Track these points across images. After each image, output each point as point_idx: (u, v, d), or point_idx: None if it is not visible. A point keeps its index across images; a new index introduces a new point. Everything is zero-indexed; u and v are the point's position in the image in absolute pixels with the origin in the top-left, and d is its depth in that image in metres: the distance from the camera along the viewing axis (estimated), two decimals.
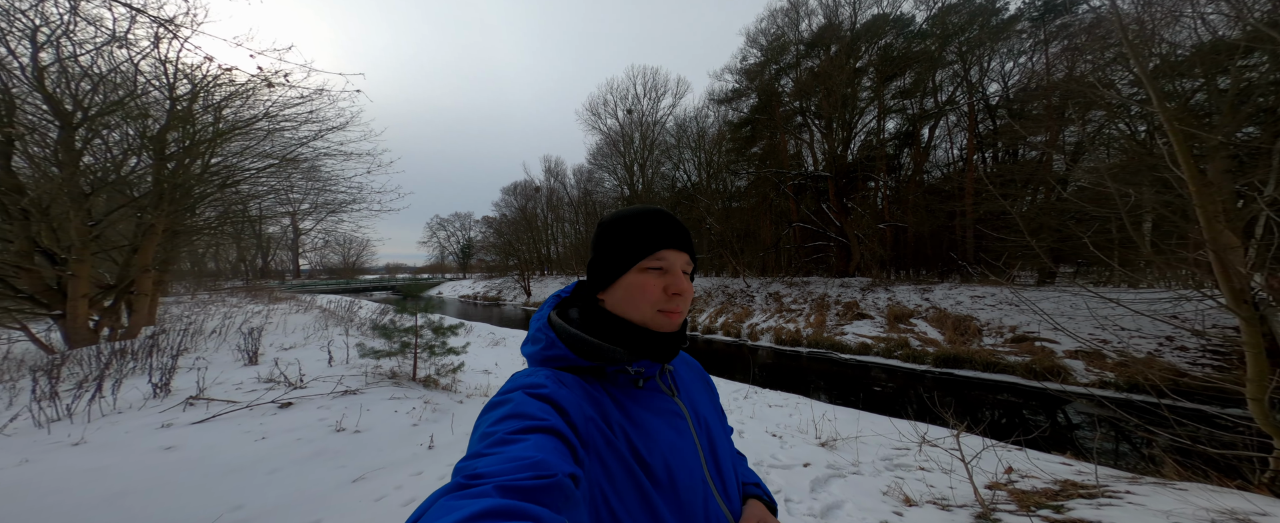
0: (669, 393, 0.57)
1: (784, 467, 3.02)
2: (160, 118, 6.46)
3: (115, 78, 5.88)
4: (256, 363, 4.45)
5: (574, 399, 0.46)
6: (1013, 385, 6.86)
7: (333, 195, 10.15)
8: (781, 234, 18.59)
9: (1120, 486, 2.67)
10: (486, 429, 0.40)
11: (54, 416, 2.52)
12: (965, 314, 10.17)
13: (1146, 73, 2.79)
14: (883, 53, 16.02)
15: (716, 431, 0.60)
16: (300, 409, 3.16)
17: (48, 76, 5.32)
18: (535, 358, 0.55)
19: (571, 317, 0.57)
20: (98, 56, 5.70)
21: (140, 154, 6.68)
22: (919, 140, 16.46)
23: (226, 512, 1.81)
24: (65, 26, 5.19)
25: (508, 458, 0.34)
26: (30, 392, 2.76)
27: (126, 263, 6.47)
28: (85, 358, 3.65)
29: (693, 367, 0.70)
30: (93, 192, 5.85)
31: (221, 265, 20.86)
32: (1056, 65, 12.22)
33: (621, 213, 0.58)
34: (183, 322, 7.37)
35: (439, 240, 54.32)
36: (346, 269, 44.14)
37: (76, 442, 2.20)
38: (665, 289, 0.53)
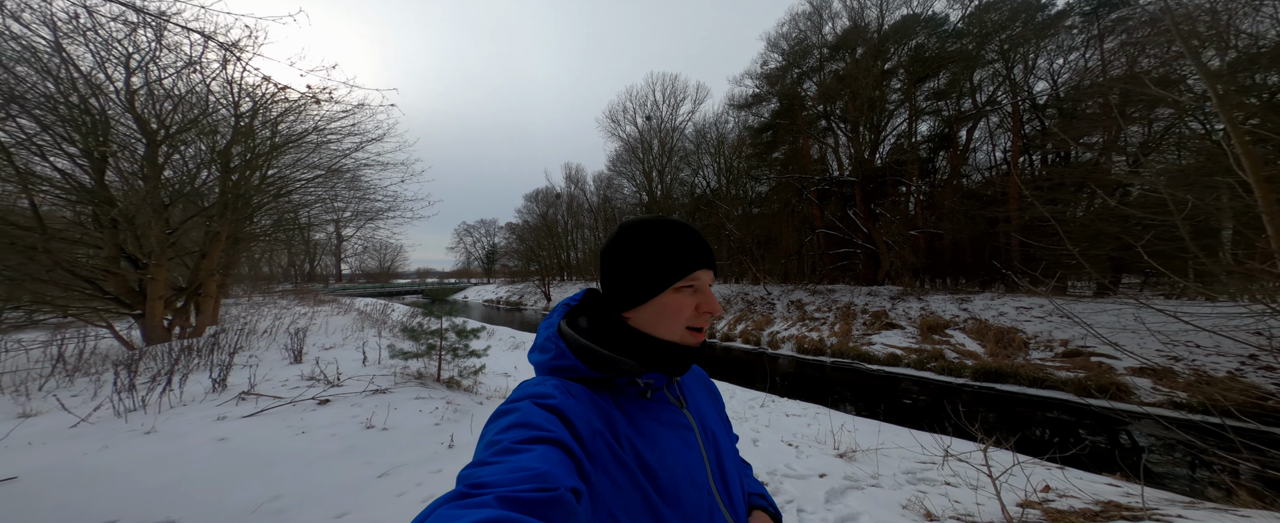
0: (677, 405, 0.57)
1: (799, 477, 2.96)
2: (226, 134, 7.21)
3: (191, 98, 6.64)
4: (300, 362, 4.84)
5: (581, 411, 0.45)
6: (1064, 403, 6.37)
7: (371, 204, 10.86)
8: (804, 241, 18.09)
9: (1173, 509, 2.45)
10: (493, 437, 0.40)
11: (131, 406, 2.86)
12: (1009, 326, 9.56)
13: (1204, 68, 2.59)
14: (914, 54, 15.37)
15: (723, 441, 0.60)
16: (336, 406, 3.42)
17: (137, 99, 6.07)
18: (543, 367, 0.54)
19: (580, 326, 0.56)
20: (177, 79, 6.46)
21: (210, 167, 7.46)
22: (956, 143, 15.62)
23: (267, 501, 2.01)
24: (152, 53, 5.92)
25: (511, 468, 0.34)
26: (112, 384, 3.15)
27: (196, 267, 7.20)
28: (158, 354, 4.11)
29: (699, 376, 0.69)
30: (171, 202, 6.59)
31: (274, 270, 22.68)
32: (1113, 62, 11.30)
33: (648, 226, 0.55)
34: (240, 322, 8.08)
35: (465, 246, 56.59)
36: (382, 273, 46.77)
37: (148, 431, 2.49)
38: (697, 308, 0.53)
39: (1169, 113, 9.17)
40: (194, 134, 6.94)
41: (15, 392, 3.08)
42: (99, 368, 4.06)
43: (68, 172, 5.77)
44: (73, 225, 6.06)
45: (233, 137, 7.18)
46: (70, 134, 5.48)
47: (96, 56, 5.70)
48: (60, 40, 5.22)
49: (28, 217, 5.36)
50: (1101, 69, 11.53)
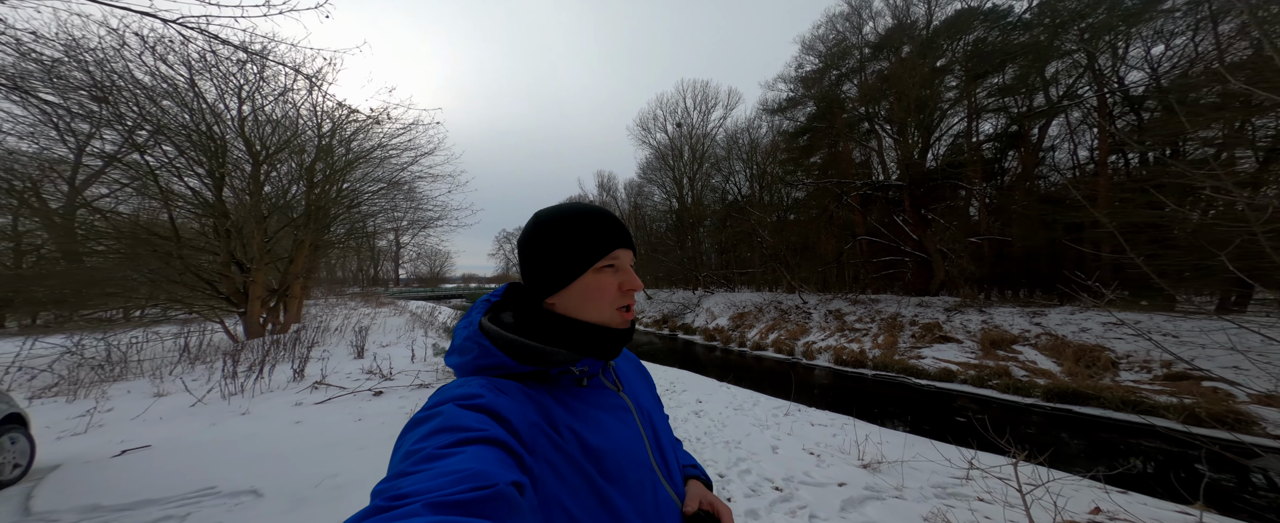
0: (614, 389, 0.57)
1: (816, 485, 2.92)
2: (311, 152, 8.39)
3: (284, 122, 7.84)
4: (362, 357, 5.54)
5: (515, 406, 0.44)
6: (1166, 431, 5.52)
7: (424, 213, 12.00)
8: (844, 248, 17.11)
9: None
10: (411, 447, 0.36)
11: (233, 391, 3.52)
12: (1094, 343, 8.47)
13: None
14: (973, 48, 14.07)
15: (658, 419, 0.62)
16: (387, 398, 3.91)
17: (246, 125, 7.28)
18: (466, 368, 0.52)
19: (505, 322, 0.54)
20: (274, 106, 7.67)
21: (298, 182, 8.72)
22: (1028, 141, 14.06)
23: (327, 477, 2.41)
24: (255, 84, 7.11)
25: (439, 473, 0.31)
26: (221, 371, 3.87)
27: (285, 272, 8.41)
28: (255, 347, 4.94)
29: (630, 359, 0.69)
30: (268, 215, 7.79)
31: (346, 274, 25.62)
32: (1231, 47, 9.63)
33: (561, 212, 0.55)
34: (317, 320, 9.29)
35: (505, 252, 59.46)
36: (432, 278, 50.85)
37: (244, 412, 3.07)
38: (620, 287, 0.53)
39: None
40: (286, 154, 8.18)
41: (152, 375, 3.91)
42: (212, 357, 4.96)
43: (196, 190, 7.06)
44: (198, 235, 7.38)
45: (316, 155, 8.35)
46: (200, 157, 6.73)
47: (218, 89, 6.97)
48: (194, 77, 6.45)
49: (167, 228, 6.64)
50: (1218, 54, 9.85)
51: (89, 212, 6.68)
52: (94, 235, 6.27)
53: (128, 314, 6.98)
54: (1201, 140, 9.73)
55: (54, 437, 2.58)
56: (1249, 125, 9.09)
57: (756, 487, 2.85)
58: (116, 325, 6.24)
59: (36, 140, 6.31)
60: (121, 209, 7.45)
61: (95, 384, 3.57)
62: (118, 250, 6.21)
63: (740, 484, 2.89)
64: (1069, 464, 3.08)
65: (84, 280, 5.82)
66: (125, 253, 6.18)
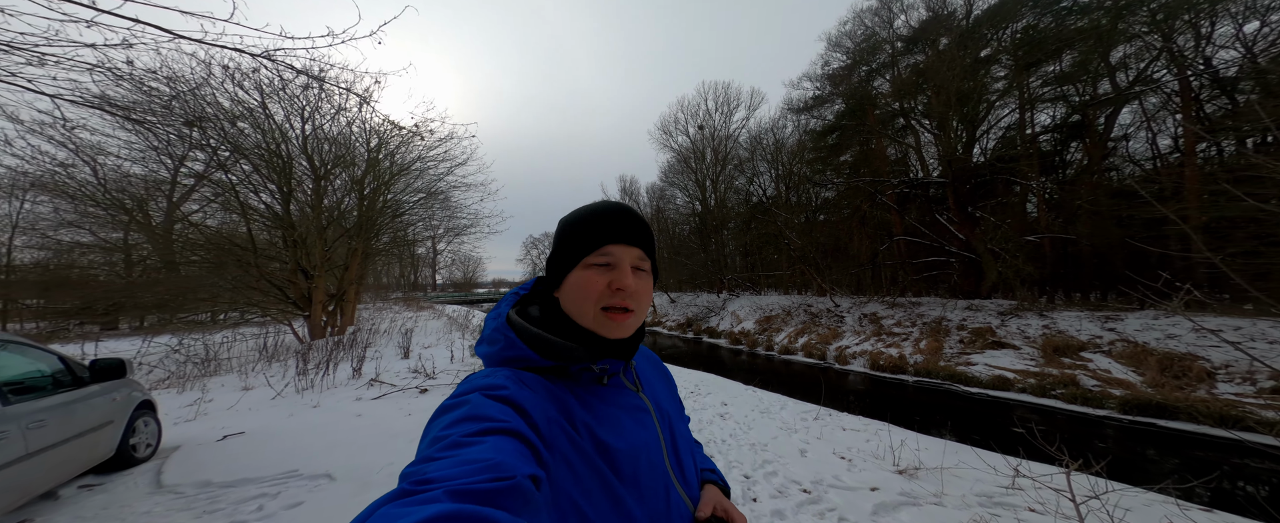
0: (634, 389, 0.57)
1: (846, 488, 2.86)
2: (361, 166, 9.12)
3: (340, 139, 8.57)
4: (408, 357, 5.99)
5: (536, 400, 0.44)
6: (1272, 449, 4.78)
7: (458, 221, 12.67)
8: (880, 249, 16.30)
9: None
10: (438, 433, 0.38)
11: (304, 386, 3.95)
12: (1183, 351, 7.55)
13: None
14: (1022, 36, 13.10)
15: (676, 422, 0.61)
16: (432, 395, 4.23)
17: (309, 143, 8.04)
18: (493, 359, 0.53)
19: (532, 315, 0.55)
20: (331, 124, 8.40)
21: (350, 195, 9.51)
22: (1094, 131, 12.86)
23: (386, 465, 2.69)
24: (315, 104, 7.83)
25: (461, 461, 0.33)
26: (295, 368, 4.34)
27: (341, 278, 9.18)
28: (319, 347, 5.48)
29: (651, 359, 0.69)
30: (327, 225, 8.56)
31: (390, 281, 27.39)
32: None
33: (579, 209, 0.56)
34: (369, 323, 10.03)
35: (532, 258, 60.97)
36: (465, 283, 53.27)
37: (315, 405, 3.45)
38: (609, 285, 0.50)
39: None
40: (340, 168, 8.93)
41: (239, 371, 4.46)
42: (284, 356, 5.55)
43: (268, 204, 7.88)
44: (270, 246, 8.24)
45: (366, 168, 9.06)
46: (271, 174, 7.50)
47: (285, 111, 7.75)
48: (265, 100, 7.20)
49: (245, 239, 7.48)
50: None
51: (185, 225, 7.65)
52: (189, 246, 7.18)
53: (215, 317, 7.92)
54: None
55: (172, 422, 3.05)
56: None
57: (783, 488, 2.83)
58: (206, 327, 7.09)
59: (145, 164, 7.31)
60: (209, 223, 8.45)
61: (197, 378, 4.15)
62: (207, 260, 7.07)
63: (766, 486, 2.88)
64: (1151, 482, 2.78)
65: (182, 287, 6.68)
66: (213, 262, 7.02)
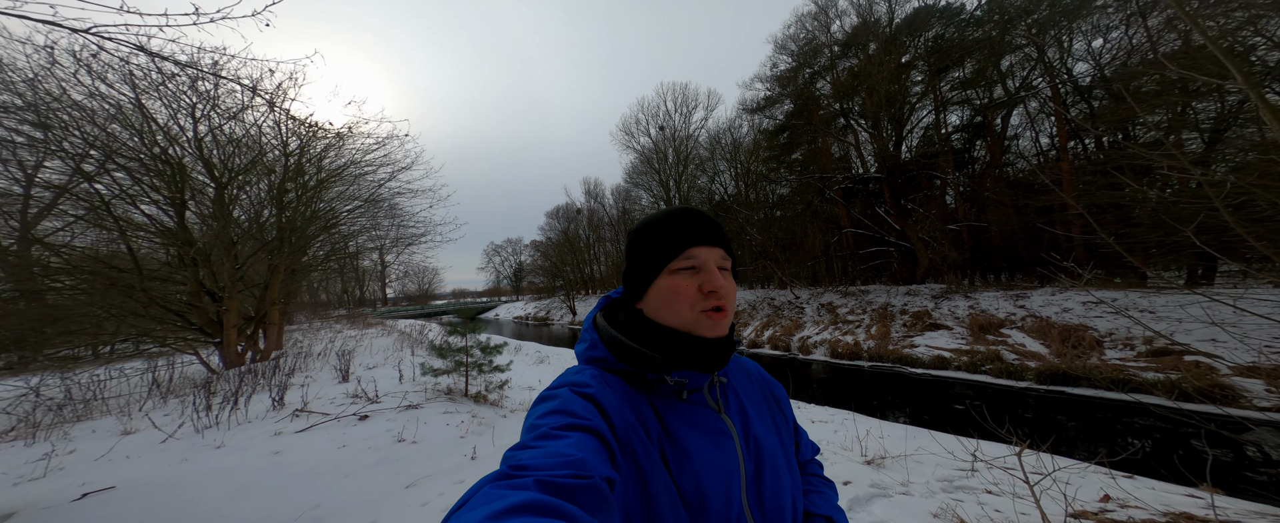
0: (716, 408, 0.54)
1: None
2: (279, 173, 8.08)
3: (247, 141, 7.48)
4: (347, 381, 5.31)
5: (616, 402, 0.45)
6: (1159, 408, 5.36)
7: (407, 230, 11.73)
8: (831, 242, 17.49)
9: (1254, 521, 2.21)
10: (534, 422, 0.42)
11: (207, 424, 3.31)
12: (1077, 323, 8.69)
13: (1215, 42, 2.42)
14: (933, 44, 14.77)
15: (770, 452, 0.54)
16: (373, 422, 3.74)
17: (204, 145, 6.94)
18: (583, 357, 0.55)
19: (618, 319, 0.55)
20: (234, 124, 7.28)
21: (268, 206, 8.39)
22: (993, 131, 14.69)
23: (308, 509, 2.26)
24: (211, 101, 6.75)
25: (550, 453, 0.36)
26: (192, 405, 3.65)
27: (260, 299, 8.06)
28: (230, 377, 4.69)
29: (755, 377, 0.64)
30: (237, 240, 7.46)
31: (331, 297, 24.81)
32: (1163, 37, 10.33)
33: (650, 217, 0.56)
34: (300, 346, 8.91)
35: (494, 265, 58.77)
36: (421, 296, 49.75)
37: (218, 445, 2.88)
38: (700, 288, 0.50)
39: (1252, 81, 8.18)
40: (253, 175, 7.82)
41: (119, 413, 3.66)
42: (186, 390, 4.68)
43: (155, 217, 6.69)
44: (163, 266, 7.01)
45: (284, 175, 8.04)
46: (155, 183, 6.35)
47: (169, 108, 6.56)
48: (139, 96, 6.01)
49: (127, 260, 6.28)
50: (1150, 46, 10.54)
51: (42, 248, 6.27)
52: (50, 272, 5.89)
53: (96, 351, 6.55)
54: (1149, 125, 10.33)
55: (10, 483, 2.38)
56: (1191, 109, 9.69)
57: None
58: (83, 363, 5.82)
59: None
60: (77, 243, 7.02)
61: (56, 426, 3.33)
62: (77, 286, 5.84)
63: None
64: (1070, 448, 3.10)
65: (45, 319, 5.44)
66: (85, 288, 5.81)
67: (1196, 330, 6.89)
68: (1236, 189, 3.41)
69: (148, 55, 2.26)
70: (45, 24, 1.88)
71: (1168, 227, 7.27)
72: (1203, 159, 9.03)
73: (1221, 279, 9.32)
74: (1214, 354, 6.31)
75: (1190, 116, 9.73)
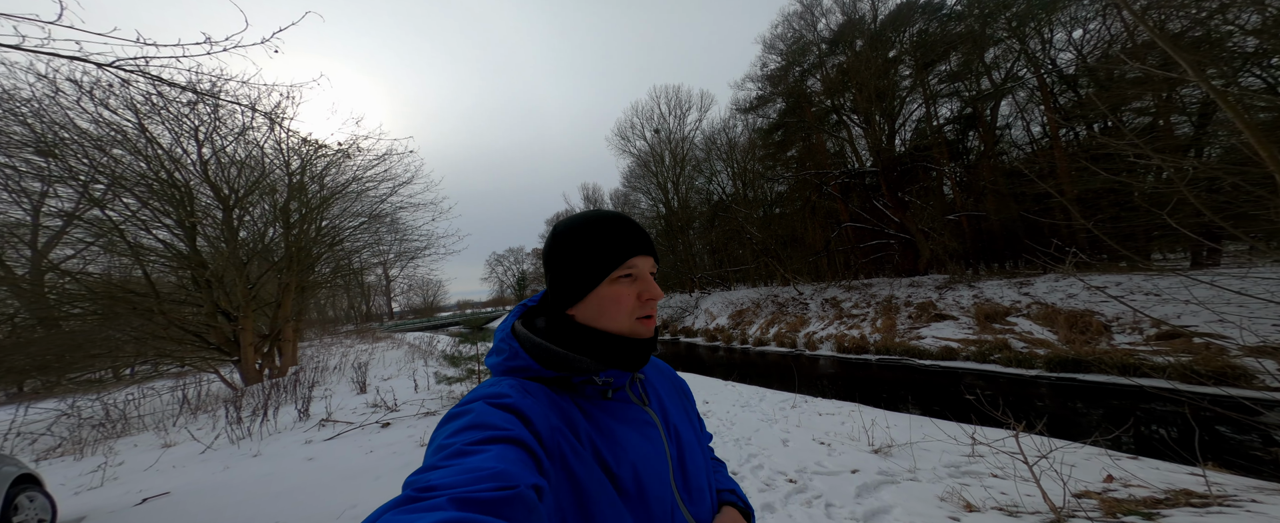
0: (639, 403, 0.56)
1: (829, 473, 2.96)
2: (283, 192, 8.21)
3: (250, 162, 7.61)
4: (365, 392, 5.41)
5: (539, 409, 0.44)
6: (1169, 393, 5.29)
7: (411, 244, 11.84)
8: (831, 236, 17.61)
9: (1252, 496, 2.29)
10: (443, 441, 0.38)
11: (241, 435, 3.42)
12: (1083, 309, 8.48)
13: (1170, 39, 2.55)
14: (918, 39, 15.03)
15: (687, 438, 0.58)
16: (395, 428, 3.84)
17: (210, 168, 7.07)
18: (499, 369, 0.54)
19: (538, 326, 0.56)
20: (237, 146, 7.38)
21: (274, 225, 8.52)
22: (984, 121, 14.89)
23: (347, 508, 2.38)
24: (212, 124, 6.86)
25: (465, 470, 0.33)
26: (225, 418, 3.76)
27: (273, 317, 8.16)
28: (255, 392, 4.79)
29: (665, 372, 0.68)
30: (248, 261, 7.58)
31: (337, 313, 24.91)
32: (1139, 28, 10.54)
33: (578, 221, 0.55)
34: (315, 361, 9.00)
35: (497, 275, 58.76)
36: (427, 308, 49.84)
37: (255, 454, 2.99)
38: (639, 296, 0.52)
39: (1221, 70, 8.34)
40: (257, 195, 7.94)
41: (156, 428, 3.76)
42: (214, 406, 4.79)
43: (168, 241, 6.80)
44: (178, 288, 7.13)
45: (288, 194, 8.17)
46: (164, 207, 6.45)
47: (172, 132, 6.58)
48: (142, 121, 6.05)
49: (143, 284, 6.40)
50: (1129, 36, 10.73)
51: (57, 275, 6.39)
52: (67, 299, 6.00)
53: (117, 373, 6.65)
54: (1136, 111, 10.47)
55: (71, 492, 2.50)
56: (1176, 95, 9.82)
57: (770, 481, 2.85)
58: (108, 385, 5.92)
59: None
60: (91, 269, 7.14)
61: (100, 442, 3.44)
62: (95, 311, 5.96)
63: (753, 479, 2.90)
64: (1085, 435, 3.14)
65: (65, 345, 5.55)
66: (103, 313, 5.93)
67: (1203, 312, 6.74)
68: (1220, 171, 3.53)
69: (147, 79, 2.31)
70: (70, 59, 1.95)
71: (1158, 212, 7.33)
72: (1194, 143, 9.17)
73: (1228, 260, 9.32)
74: (1223, 335, 6.20)
75: (1177, 101, 9.87)
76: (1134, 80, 10.00)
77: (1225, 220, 2.58)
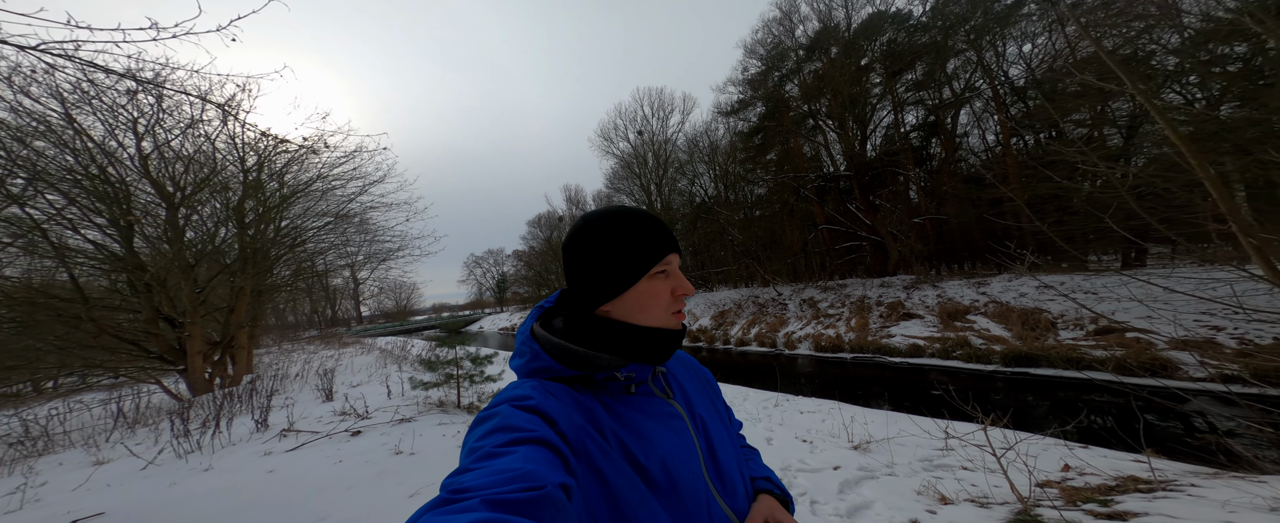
0: (663, 396, 0.57)
1: (812, 471, 3.03)
2: (237, 190, 7.61)
3: (200, 158, 6.97)
4: (331, 399, 5.08)
5: (562, 409, 0.45)
6: (1109, 384, 5.67)
7: (381, 245, 11.24)
8: (808, 238, 18.18)
9: (1189, 480, 2.49)
10: (474, 444, 0.40)
11: (188, 448, 3.11)
12: (1032, 307, 9.14)
13: (1111, 55, 2.77)
14: (887, 48, 15.84)
15: (715, 429, 0.58)
16: (367, 437, 3.61)
17: (150, 163, 6.44)
18: (522, 371, 0.54)
19: (556, 327, 0.56)
20: (184, 140, 6.76)
21: (227, 225, 7.89)
22: (945, 129, 15.83)
23: (318, 521, 2.19)
24: (155, 116, 6.24)
25: (495, 471, 0.34)
26: (170, 431, 3.41)
27: (226, 322, 7.54)
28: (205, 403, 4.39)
29: (687, 364, 0.68)
30: (196, 263, 6.97)
31: (299, 318, 23.41)
32: (1079, 44, 11.56)
33: (613, 216, 0.55)
34: (273, 369, 8.40)
35: (476, 277, 57.24)
36: (399, 312, 47.72)
37: (206, 468, 2.72)
38: (673, 292, 0.54)
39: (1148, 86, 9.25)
40: (207, 193, 7.29)
41: (86, 444, 3.36)
42: (155, 419, 4.35)
43: (99, 242, 6.11)
44: (111, 293, 6.45)
45: (243, 192, 7.58)
46: (96, 205, 5.79)
47: (106, 124, 5.88)
48: (69, 111, 5.40)
49: (68, 289, 5.75)
50: (1070, 52, 11.73)
51: None
52: None
53: (38, 386, 5.92)
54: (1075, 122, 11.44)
55: None
56: (1108, 108, 10.81)
57: None
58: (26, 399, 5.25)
59: None
60: (9, 272, 6.36)
61: (18, 461, 3.02)
62: (12, 319, 5.30)
63: None
64: (1038, 427, 3.37)
65: None
66: (21, 321, 5.29)
67: (1134, 308, 7.33)
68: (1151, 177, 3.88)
69: (77, 65, 2.05)
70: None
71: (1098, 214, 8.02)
72: (1124, 152, 10.10)
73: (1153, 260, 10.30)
74: (1151, 331, 6.78)
75: (1109, 115, 10.85)
76: (1074, 93, 10.91)
77: (1159, 223, 2.83)
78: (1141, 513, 2.00)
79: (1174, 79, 8.11)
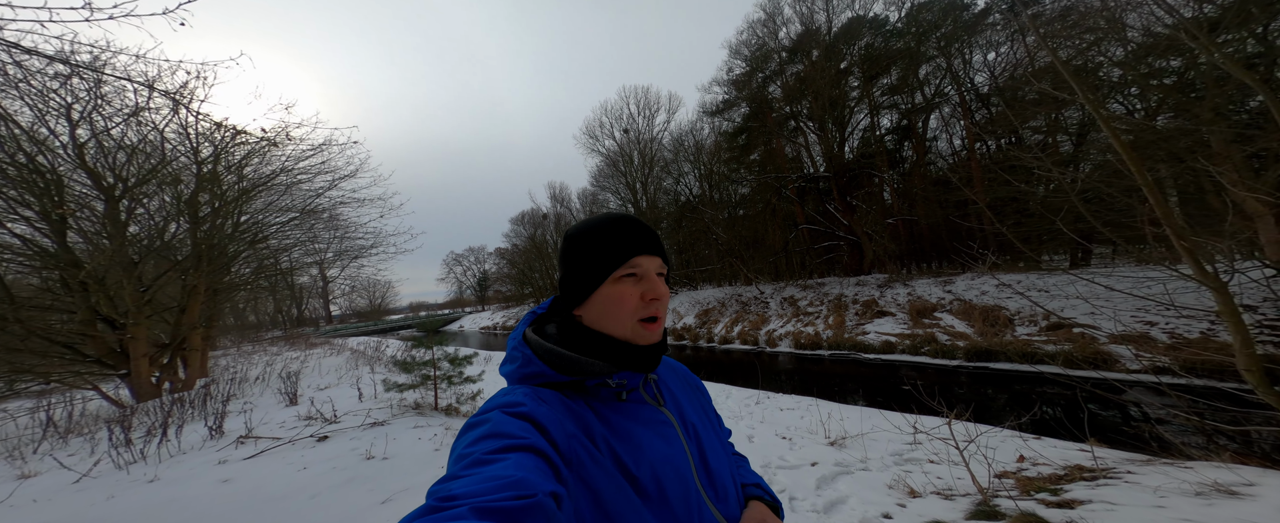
0: (654, 403, 0.56)
1: (791, 467, 3.10)
2: (190, 182, 7.07)
3: (146, 148, 6.39)
4: (296, 403, 4.82)
5: (554, 416, 0.44)
6: (1057, 377, 6.06)
7: (353, 242, 10.75)
8: (789, 237, 18.60)
9: (1126, 467, 2.68)
10: (463, 451, 0.39)
11: (130, 459, 2.87)
12: (992, 304, 9.59)
13: (1065, 65, 2.94)
14: (865, 53, 16.36)
15: (706, 435, 0.58)
16: (335, 442, 3.45)
17: (87, 152, 5.87)
18: (513, 377, 0.54)
19: (548, 332, 0.55)
20: (127, 128, 6.17)
21: (178, 219, 7.32)
22: (917, 133, 16.51)
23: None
24: (92, 102, 5.68)
25: (485, 478, 0.33)
26: (108, 440, 3.14)
27: (177, 323, 7.03)
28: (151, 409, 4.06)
29: (678, 372, 0.68)
30: (141, 259, 6.43)
31: (261, 317, 22.09)
32: (1037, 54, 12.29)
33: (587, 223, 0.55)
34: (231, 372, 7.92)
35: (456, 276, 55.71)
36: (373, 311, 45.79)
37: (151, 479, 2.52)
38: (642, 296, 0.52)
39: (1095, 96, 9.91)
40: (155, 185, 6.71)
41: (9, 457, 3.04)
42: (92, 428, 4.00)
43: (28, 237, 5.56)
44: (42, 292, 5.88)
45: (197, 185, 7.04)
46: (23, 196, 5.24)
47: (35, 109, 5.34)
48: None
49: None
50: (1029, 61, 12.45)
51: None
52: None
53: None
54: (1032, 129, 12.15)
55: None
56: (1062, 116, 11.54)
57: None
58: None
59: None
60: None
61: None
62: None
63: None
64: (997, 419, 3.56)
65: None
66: None
67: (1080, 306, 7.90)
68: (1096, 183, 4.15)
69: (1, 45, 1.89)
70: None
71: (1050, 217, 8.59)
72: (1073, 158, 10.81)
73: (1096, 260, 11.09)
74: (1094, 326, 7.31)
75: (1062, 123, 11.59)
76: (1032, 100, 11.60)
77: (1104, 226, 3.04)
78: (1086, 501, 2.14)
79: (1118, 90, 8.74)
